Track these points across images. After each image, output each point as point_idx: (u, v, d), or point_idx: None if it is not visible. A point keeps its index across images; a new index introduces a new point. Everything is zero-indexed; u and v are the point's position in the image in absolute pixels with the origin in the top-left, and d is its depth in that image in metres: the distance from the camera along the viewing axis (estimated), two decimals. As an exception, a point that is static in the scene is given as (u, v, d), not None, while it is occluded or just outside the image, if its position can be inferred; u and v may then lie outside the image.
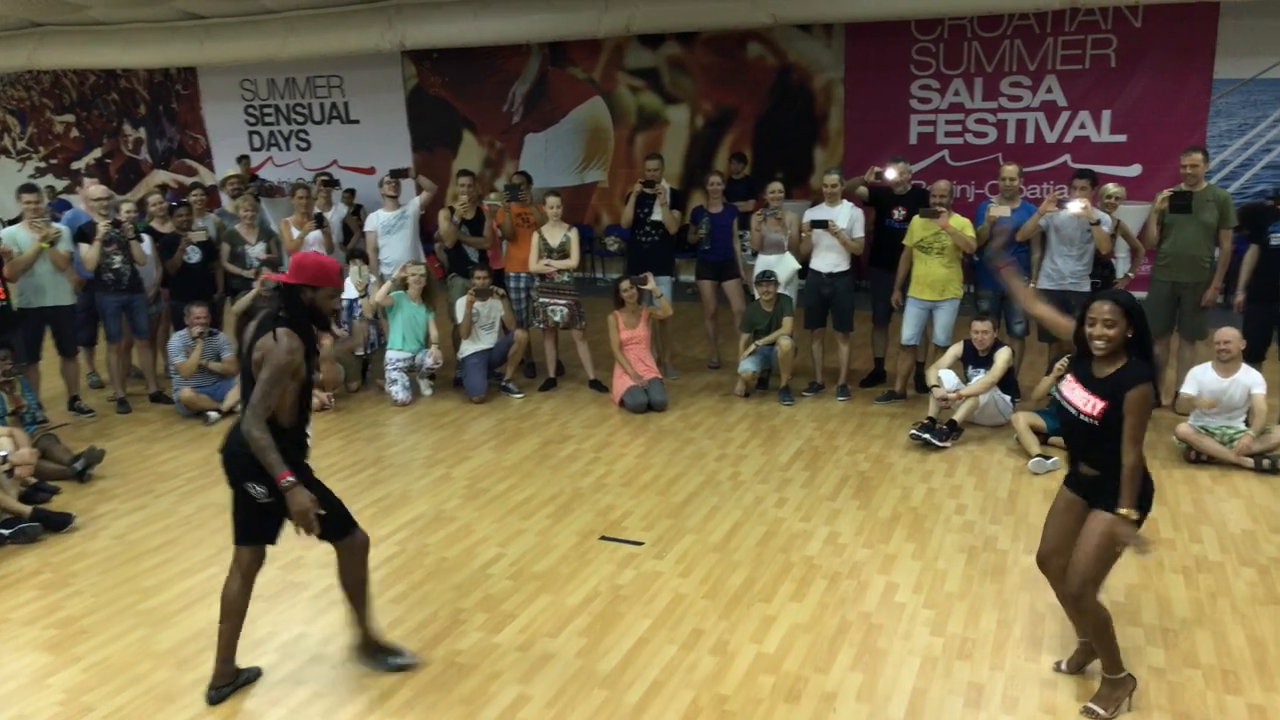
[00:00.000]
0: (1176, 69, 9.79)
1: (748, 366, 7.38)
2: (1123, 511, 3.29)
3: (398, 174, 8.13)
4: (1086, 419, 3.35)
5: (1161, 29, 9.74)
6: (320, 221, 8.06)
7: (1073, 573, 3.44)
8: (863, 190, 7.56)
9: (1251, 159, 9.77)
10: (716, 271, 8.11)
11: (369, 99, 13.39)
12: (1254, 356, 6.14)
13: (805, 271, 7.60)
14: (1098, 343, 3.29)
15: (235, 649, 3.73)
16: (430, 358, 7.56)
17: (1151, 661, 3.83)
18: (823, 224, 7.23)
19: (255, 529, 3.66)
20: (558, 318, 7.59)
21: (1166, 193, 6.64)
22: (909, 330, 7.12)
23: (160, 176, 14.69)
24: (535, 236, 7.57)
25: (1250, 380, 5.85)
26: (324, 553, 4.89)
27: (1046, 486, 5.57)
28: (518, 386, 7.68)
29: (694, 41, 11.60)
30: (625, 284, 7.28)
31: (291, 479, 3.42)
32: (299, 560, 4.85)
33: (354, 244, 8.65)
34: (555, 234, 7.59)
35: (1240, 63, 9.63)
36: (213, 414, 7.14)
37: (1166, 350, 6.91)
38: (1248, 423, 5.85)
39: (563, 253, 7.58)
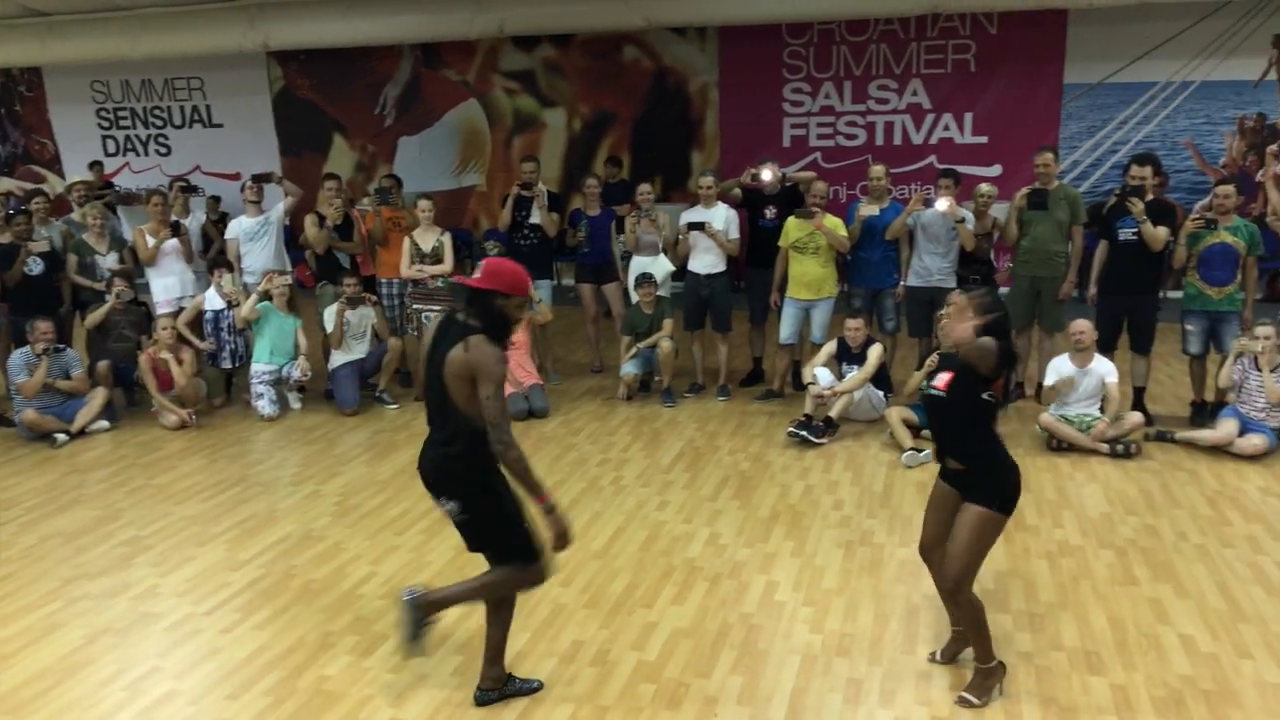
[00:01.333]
0: (1031, 73, 10.23)
1: (629, 369, 7.34)
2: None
3: (260, 178, 7.80)
4: (935, 392, 3.49)
5: (1016, 35, 10.17)
6: (177, 229, 7.65)
7: (948, 566, 3.51)
8: (736, 191, 7.63)
9: (1101, 159, 10.28)
10: (596, 275, 8.05)
11: (233, 102, 12.84)
12: (1106, 346, 6.42)
13: (682, 273, 7.61)
14: (940, 333, 3.54)
15: (501, 650, 3.66)
16: (298, 370, 7.25)
17: (1019, 646, 3.93)
18: (699, 226, 7.25)
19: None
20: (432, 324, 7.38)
21: (1024, 191, 6.90)
22: (786, 329, 7.20)
23: (4, 184, 13.75)
24: (407, 241, 7.36)
25: (1104, 369, 6.11)
26: (182, 580, 4.62)
27: (919, 479, 5.69)
28: (392, 397, 7.44)
29: (570, 44, 11.52)
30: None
31: (552, 502, 3.35)
32: (154, 589, 4.55)
33: (214, 253, 8.25)
34: (428, 238, 7.39)
35: (1088, 68, 10.13)
36: (60, 436, 6.67)
37: (1029, 343, 7.18)
38: (1103, 410, 6.11)
39: (436, 257, 7.39)
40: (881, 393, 6.69)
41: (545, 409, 7.03)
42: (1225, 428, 5.92)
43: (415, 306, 7.40)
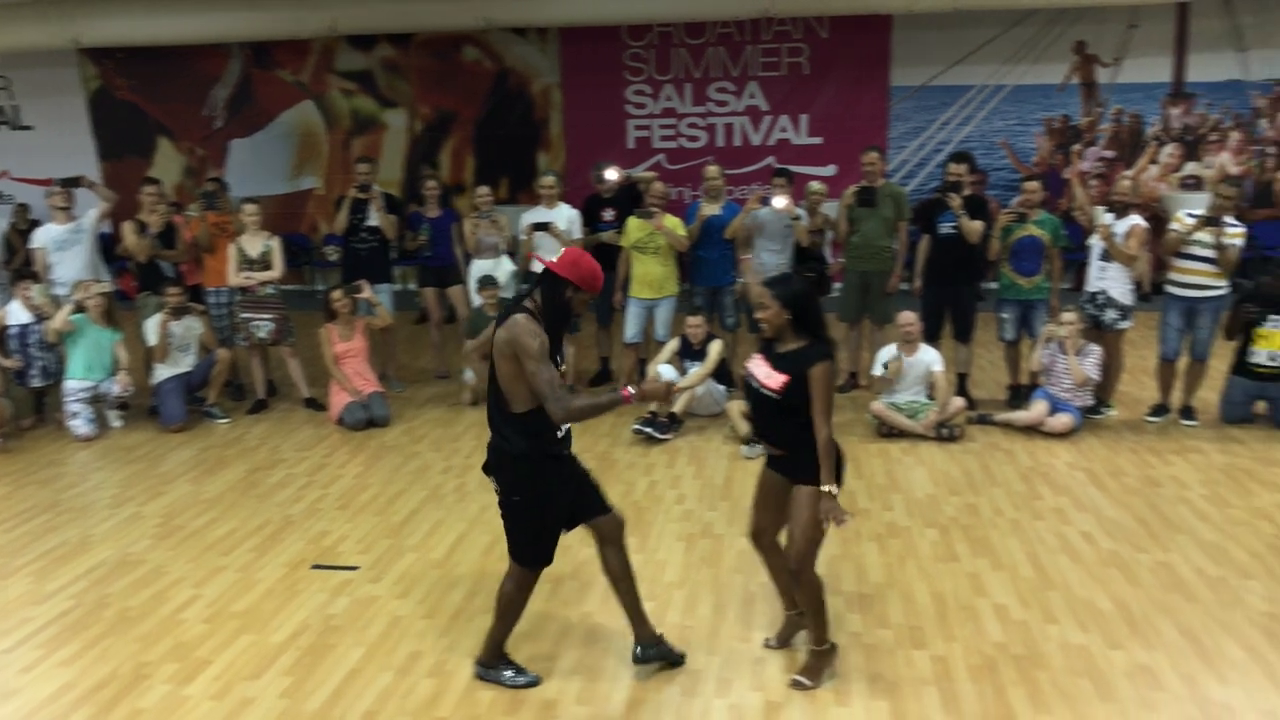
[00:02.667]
0: (860, 76, 10.66)
1: (473, 374, 7.24)
2: (824, 489, 3.46)
3: (68, 183, 7.29)
4: (766, 392, 3.52)
5: (845, 39, 10.56)
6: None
7: (791, 547, 3.59)
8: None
9: (926, 158, 10.80)
10: (439, 278, 7.91)
11: (43, 103, 12.00)
12: (931, 336, 6.74)
13: (526, 277, 7.57)
14: (761, 324, 3.55)
15: (642, 610, 3.74)
16: (118, 385, 6.83)
17: (850, 627, 4.06)
18: (544, 226, 7.22)
19: (583, 504, 3.63)
20: (263, 334, 7.09)
21: (853, 189, 7.17)
22: (631, 329, 7.25)
23: None
24: (233, 248, 7.03)
25: (930, 359, 6.42)
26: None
27: (759, 469, 5.80)
28: (222, 411, 7.10)
29: (408, 44, 11.29)
30: (336, 294, 6.92)
31: (632, 390, 3.40)
32: (-54, 629, 4.19)
33: (18, 263, 7.67)
34: (255, 244, 7.08)
35: (913, 71, 10.62)
36: None
37: (860, 335, 7.47)
38: (931, 396, 6.41)
39: (265, 264, 7.09)
40: (723, 387, 6.82)
41: (386, 417, 6.85)
42: (1037, 408, 6.31)
43: (244, 315, 7.08)
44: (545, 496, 3.49)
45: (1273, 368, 6.23)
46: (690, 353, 6.76)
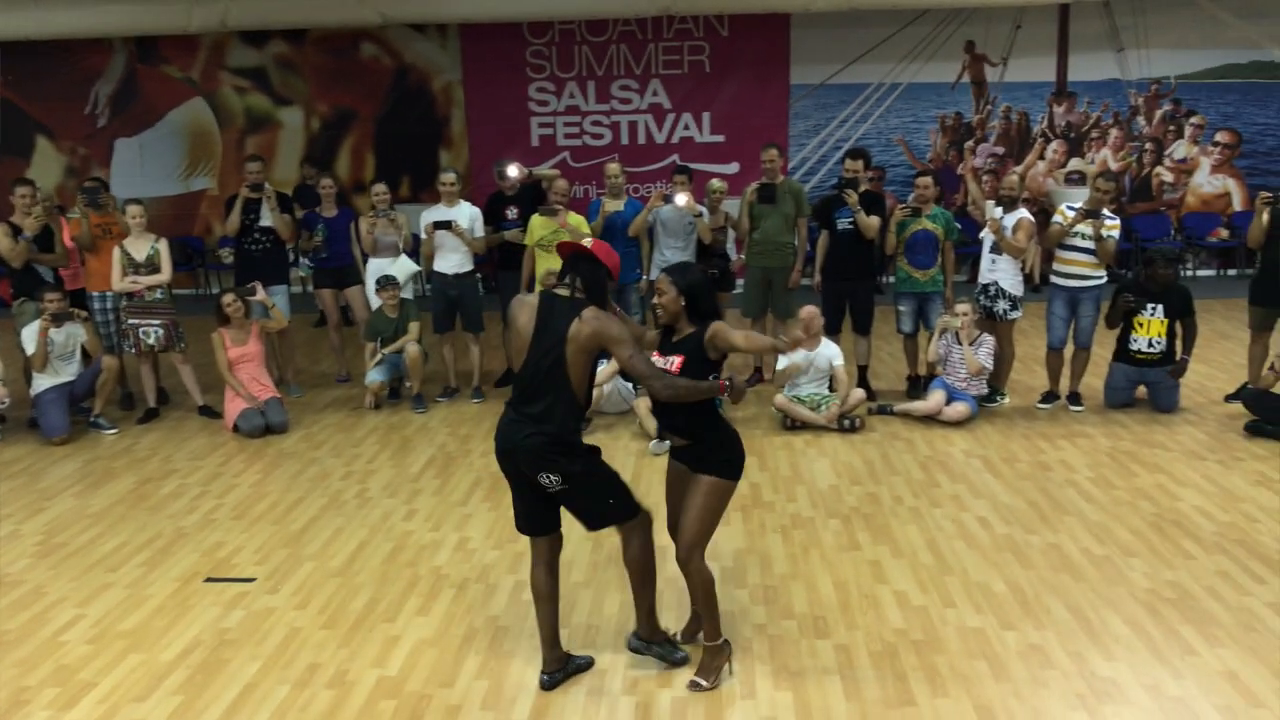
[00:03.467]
0: (760, 74, 10.80)
1: (375, 377, 7.09)
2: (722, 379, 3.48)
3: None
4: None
5: (746, 38, 10.69)
6: None
7: (681, 536, 3.58)
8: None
9: (826, 155, 11.00)
10: (336, 279, 7.73)
11: (-93, 99, 11.33)
12: (831, 329, 6.86)
13: (428, 276, 7.45)
14: (658, 310, 3.56)
15: (557, 632, 3.67)
16: (-6, 397, 6.49)
17: (755, 619, 4.10)
18: (446, 225, 7.11)
19: (540, 519, 3.59)
20: (152, 340, 6.81)
21: (753, 186, 7.25)
22: (536, 328, 7.18)
23: None
24: (117, 251, 6.74)
25: (830, 352, 6.53)
26: None
27: (666, 466, 5.83)
28: (110, 421, 6.80)
29: (303, 40, 11.01)
30: (228, 297, 6.70)
31: (726, 382, 3.43)
32: None
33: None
34: (140, 246, 6.80)
35: (812, 69, 10.82)
36: None
37: (764, 330, 7.55)
38: (833, 389, 6.53)
39: (151, 267, 6.81)
40: (630, 385, 6.82)
41: (284, 424, 6.65)
42: (934, 398, 6.48)
43: (131, 321, 6.79)
44: (598, 455, 3.56)
45: (1151, 354, 6.53)
46: (596, 351, 6.73)
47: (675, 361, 3.51)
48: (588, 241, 3.54)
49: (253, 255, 7.42)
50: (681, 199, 6.94)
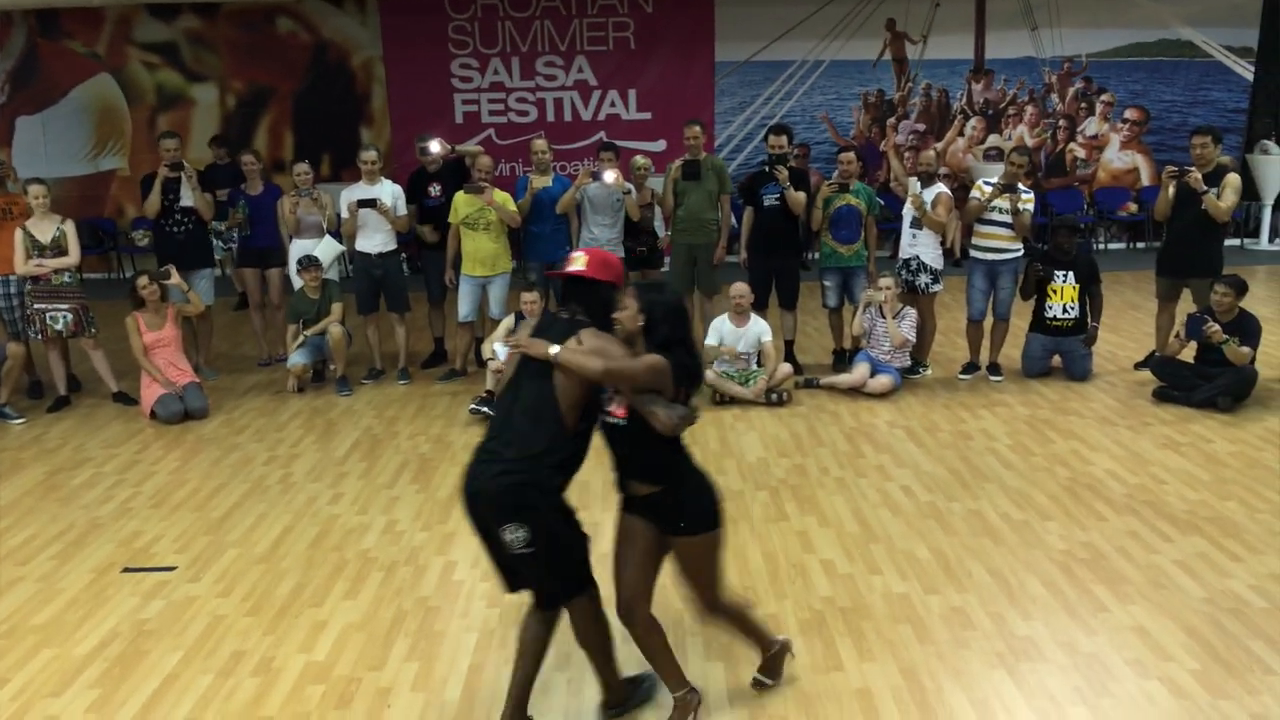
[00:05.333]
0: (685, 52, 10.80)
1: (298, 359, 6.93)
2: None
3: None
4: (615, 420, 3.02)
5: (670, 15, 10.67)
6: None
7: (697, 601, 3.24)
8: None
9: (752, 133, 11.06)
10: (261, 258, 7.53)
11: None
12: (758, 304, 6.91)
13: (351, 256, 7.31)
14: (615, 324, 3.05)
15: (527, 698, 3.23)
16: (-110, 388, 6.20)
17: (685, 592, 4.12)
18: (370, 203, 6.97)
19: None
20: (60, 325, 6.56)
21: (677, 163, 7.25)
22: (464, 307, 7.11)
23: None
24: (19, 233, 6.45)
25: (760, 329, 6.58)
26: None
27: (596, 443, 5.83)
28: (17, 410, 6.53)
29: (215, 14, 10.66)
30: (142, 280, 6.48)
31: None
32: None
33: None
34: (45, 228, 6.52)
35: (736, 47, 10.85)
36: None
37: (691, 307, 7.58)
38: (760, 364, 6.59)
39: (58, 249, 6.54)
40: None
41: (204, 409, 6.48)
42: (859, 371, 6.59)
43: (38, 306, 6.52)
44: (570, 516, 3.04)
45: (1066, 319, 6.73)
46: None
47: (623, 403, 3.00)
48: (580, 259, 3.08)
49: (174, 237, 7.19)
50: (609, 176, 6.91)
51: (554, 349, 2.93)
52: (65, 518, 4.99)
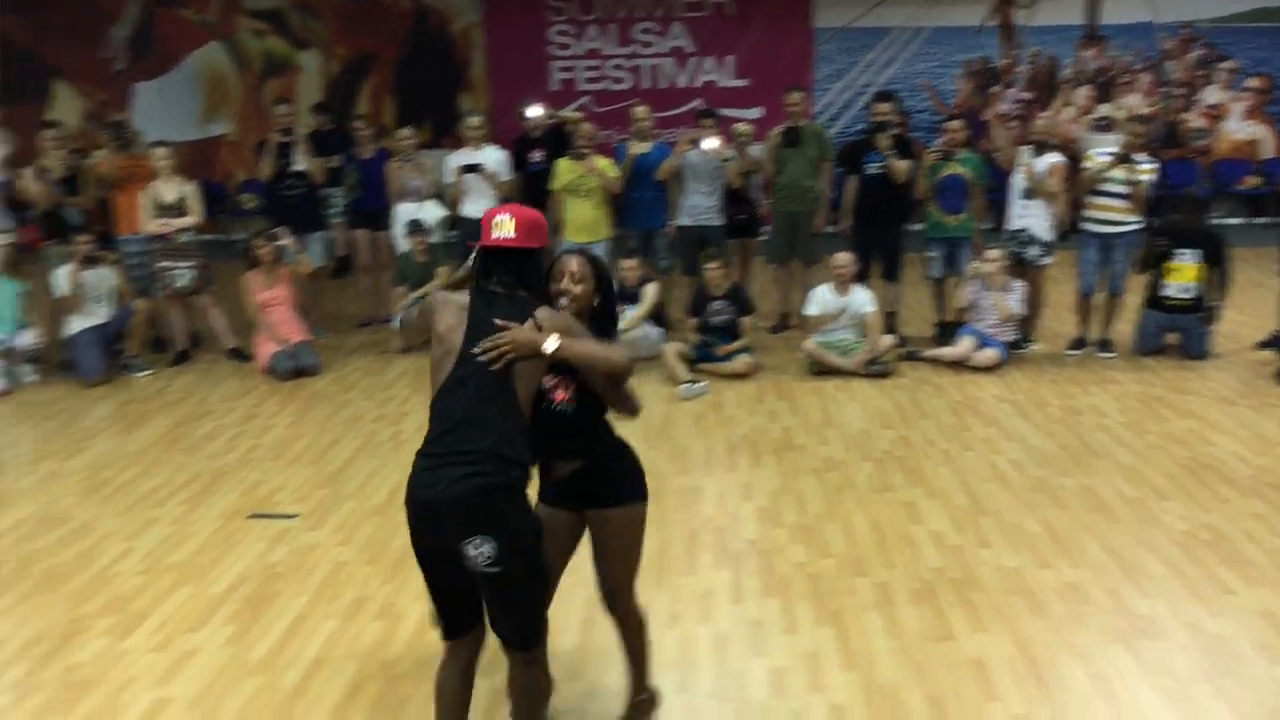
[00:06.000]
0: (784, 17, 10.64)
1: (403, 320, 7.10)
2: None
3: (-37, 126, 6.88)
4: (561, 407, 2.82)
5: (770, -21, 10.52)
6: None
7: (609, 582, 2.99)
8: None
9: (850, 101, 10.87)
10: (371, 221, 7.72)
11: (-75, 43, 11.26)
12: (860, 275, 6.83)
13: (455, 222, 7.44)
14: (562, 300, 2.77)
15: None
16: (29, 336, 6.53)
17: (794, 557, 4.15)
18: (474, 168, 7.08)
19: (464, 608, 2.69)
20: (182, 282, 6.84)
21: (778, 130, 7.18)
22: (563, 273, 7.17)
23: None
24: (145, 194, 6.73)
25: (861, 299, 6.51)
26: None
27: (695, 410, 5.89)
28: (143, 363, 6.85)
29: (321, -18, 10.87)
30: (258, 241, 6.70)
31: None
32: None
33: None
34: (169, 189, 6.79)
35: (836, 12, 10.65)
36: None
37: (790, 276, 7.54)
38: (862, 335, 6.52)
39: (180, 210, 6.81)
40: (659, 330, 6.83)
41: (316, 366, 6.70)
42: (964, 344, 6.47)
43: (162, 264, 6.81)
44: (540, 533, 2.66)
45: (1183, 300, 6.50)
46: (625, 296, 6.72)
47: (561, 391, 2.81)
48: (505, 224, 2.64)
49: (287, 200, 7.39)
50: (710, 143, 6.89)
51: (551, 342, 2.55)
52: (192, 466, 5.23)
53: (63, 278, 6.59)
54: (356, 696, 3.31)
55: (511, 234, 2.63)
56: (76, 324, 6.65)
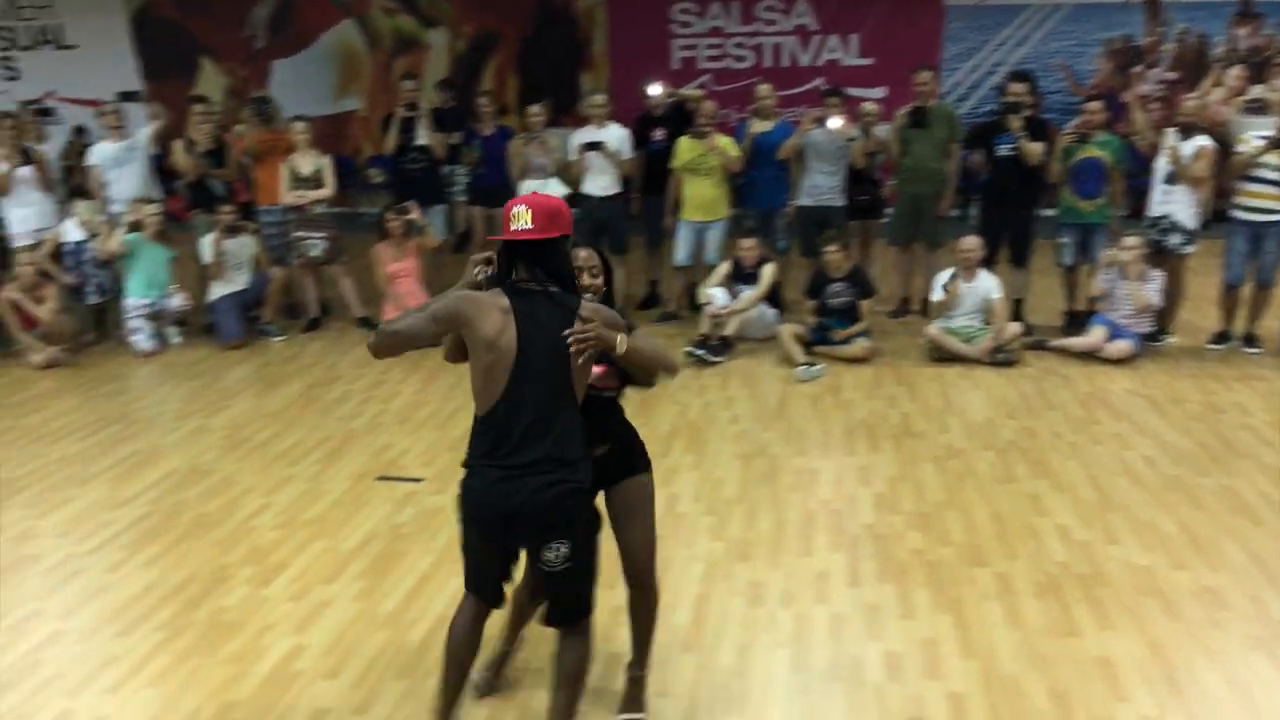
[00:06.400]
0: (913, -6, 10.35)
1: (523, 295, 7.23)
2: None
3: (127, 97, 7.30)
4: (607, 393, 2.89)
5: (898, -45, 10.24)
6: (28, 156, 7.09)
7: (641, 555, 2.99)
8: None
9: (980, 80, 10.52)
10: (490, 197, 7.87)
11: (86, 22, 11.92)
12: (987, 260, 6.64)
13: (576, 199, 7.52)
14: (586, 295, 2.74)
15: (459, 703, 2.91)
16: (177, 300, 6.92)
17: (910, 544, 4.09)
18: (596, 146, 7.15)
19: (502, 583, 2.83)
20: (315, 252, 7.13)
21: (905, 110, 7.02)
22: (681, 252, 7.21)
23: None
24: (285, 166, 7.03)
25: (988, 285, 6.33)
26: (61, 521, 4.42)
27: (811, 392, 5.84)
28: (278, 328, 7.18)
29: (450, -39, 11.09)
30: (390, 214, 6.93)
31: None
32: (30, 531, 4.33)
33: (76, 181, 7.71)
34: (306, 162, 7.08)
35: (968, -11, 10.30)
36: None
37: (912, 260, 7.38)
38: (987, 322, 6.35)
39: (316, 182, 7.09)
40: (774, 311, 6.79)
41: (439, 336, 6.89)
42: (1096, 334, 6.23)
43: (297, 234, 7.11)
44: (599, 525, 2.79)
45: (1340, 295, 6.11)
46: (742, 276, 6.72)
47: (598, 371, 2.80)
48: (522, 215, 2.58)
49: (409, 174, 7.61)
50: (835, 122, 6.79)
51: (622, 343, 2.58)
52: (324, 428, 5.47)
53: (207, 246, 6.95)
54: (479, 654, 3.41)
55: (529, 225, 2.58)
56: (218, 290, 7.02)
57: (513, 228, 2.60)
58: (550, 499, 2.55)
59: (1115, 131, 9.29)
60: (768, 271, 6.64)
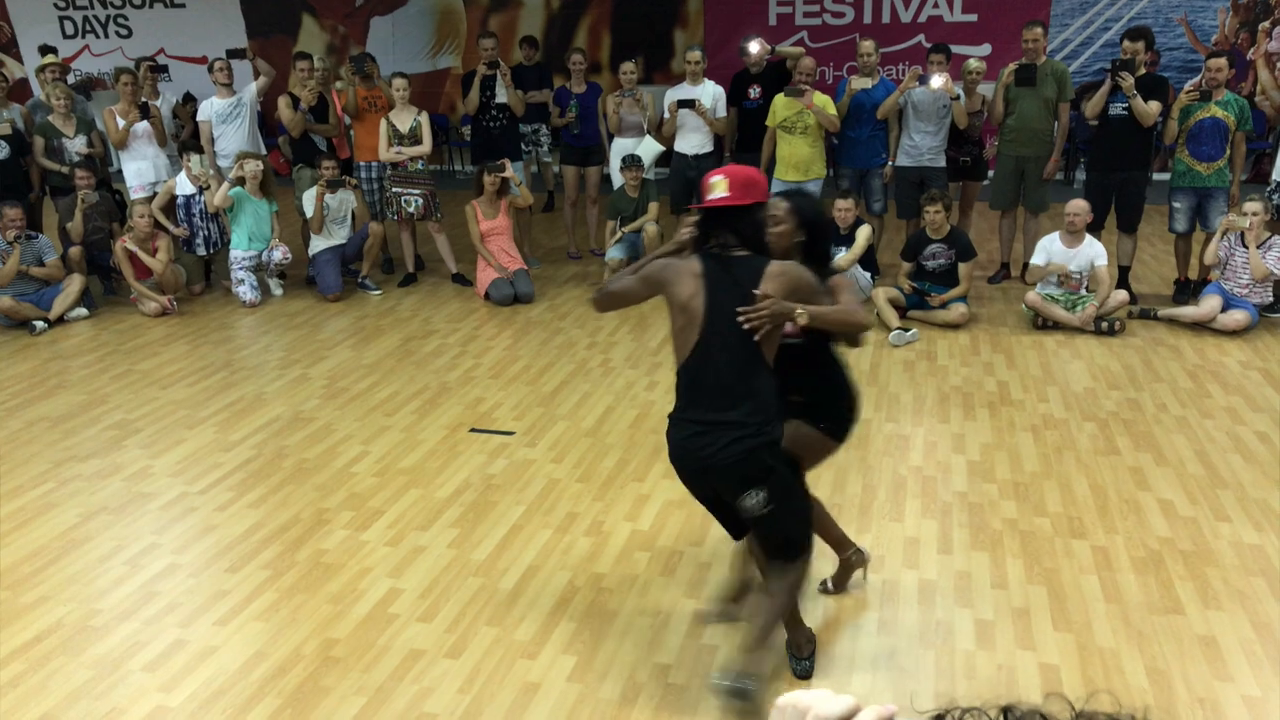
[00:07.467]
0: (1024, -54, 9.92)
1: (615, 254, 7.26)
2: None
3: (234, 54, 7.49)
4: (794, 341, 2.97)
5: (1010, -95, 9.81)
6: (146, 111, 7.38)
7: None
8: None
9: (1092, 37, 10.06)
10: (583, 157, 7.89)
11: (195, -20, 12.30)
12: (1094, 225, 6.39)
13: (669, 156, 7.48)
14: (768, 241, 2.88)
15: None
16: (280, 252, 7.14)
17: (1005, 514, 4.01)
18: (689, 103, 7.09)
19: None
20: (412, 209, 7.26)
21: (1011, 67, 6.75)
22: (773, 212, 7.11)
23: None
24: (383, 123, 7.15)
25: (1094, 251, 6.10)
26: (174, 462, 4.64)
27: (905, 357, 5.73)
28: (375, 282, 7.36)
29: (546, -84, 11.05)
30: (486, 172, 7.00)
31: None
32: (146, 470, 4.56)
33: (186, 135, 7.99)
34: (404, 119, 7.18)
35: (1083, -60, 9.82)
36: (39, 323, 6.59)
37: (1013, 223, 7.15)
38: (1089, 289, 6.13)
39: (414, 139, 7.19)
40: (868, 274, 6.67)
41: (531, 294, 6.98)
42: (1208, 304, 5.96)
43: (394, 190, 7.25)
44: (799, 470, 2.99)
45: None
46: (837, 237, 6.60)
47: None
48: (719, 184, 2.73)
49: (490, 132, 7.66)
50: (938, 81, 6.58)
51: (802, 315, 2.67)
52: (420, 380, 5.60)
53: (309, 200, 7.13)
54: (567, 605, 3.49)
55: (727, 193, 2.71)
56: (318, 243, 7.21)
57: (710, 196, 2.74)
58: (738, 454, 2.66)
59: (1236, 92, 8.85)
60: (863, 233, 6.52)
